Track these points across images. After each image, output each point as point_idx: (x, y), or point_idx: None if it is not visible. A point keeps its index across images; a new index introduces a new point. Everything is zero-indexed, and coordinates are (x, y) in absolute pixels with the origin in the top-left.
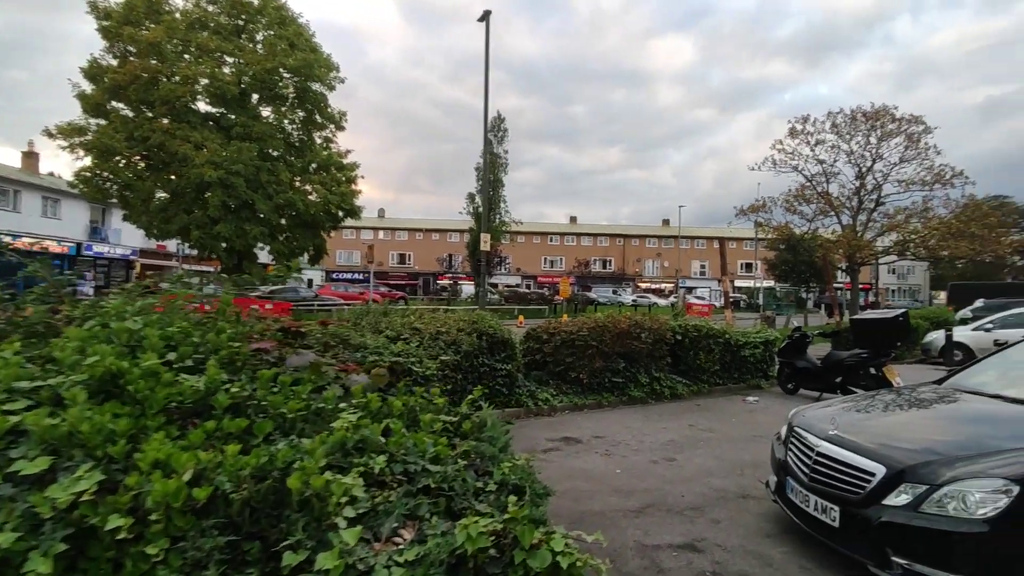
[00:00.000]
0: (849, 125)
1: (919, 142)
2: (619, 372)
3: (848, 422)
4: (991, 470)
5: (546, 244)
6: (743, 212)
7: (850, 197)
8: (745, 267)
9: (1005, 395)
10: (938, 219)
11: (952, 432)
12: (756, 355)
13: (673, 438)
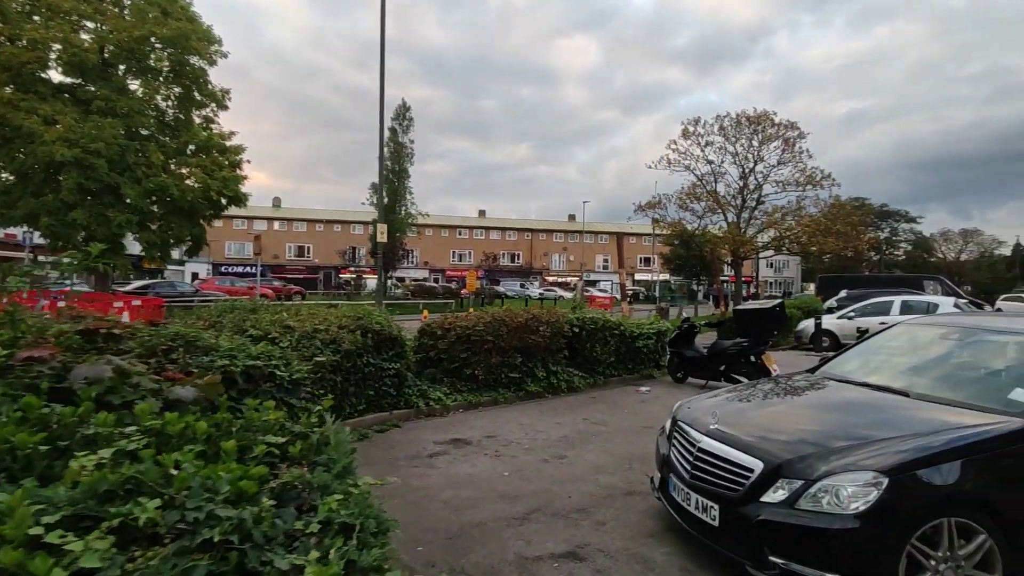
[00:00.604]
0: (735, 128)
1: (794, 146)
2: (516, 367)
3: (728, 416)
4: (862, 462)
5: (455, 237)
6: (641, 208)
7: (735, 196)
8: (644, 261)
9: (870, 382)
10: (809, 217)
11: (826, 423)
12: (649, 346)
13: (566, 434)
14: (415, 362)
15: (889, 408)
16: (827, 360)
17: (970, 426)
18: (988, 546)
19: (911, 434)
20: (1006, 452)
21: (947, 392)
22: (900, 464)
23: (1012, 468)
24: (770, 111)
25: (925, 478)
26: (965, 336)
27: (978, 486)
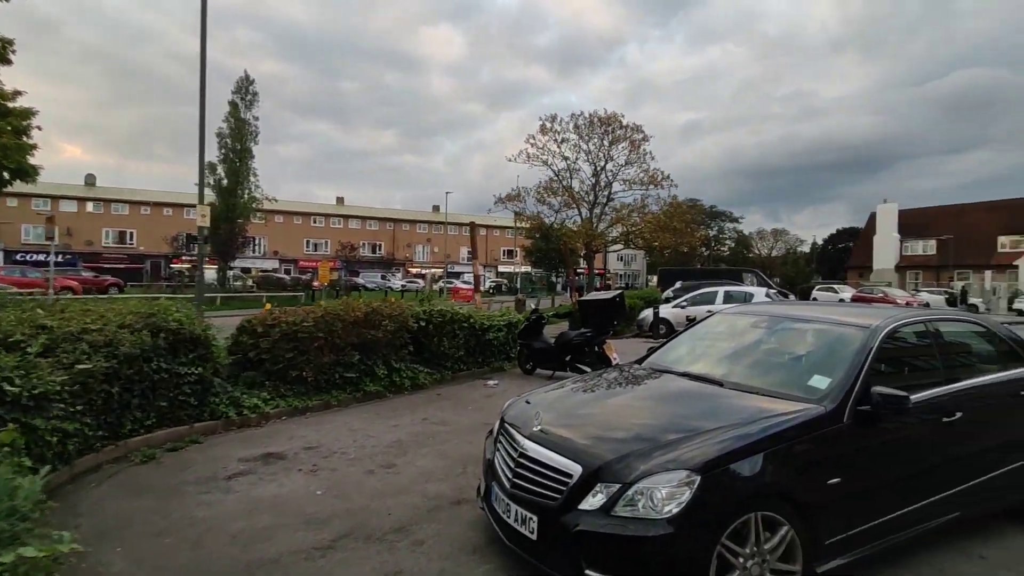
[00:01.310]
0: (588, 128)
1: (639, 148)
2: (353, 366)
3: (552, 415)
4: (677, 460)
5: (309, 226)
6: (501, 201)
7: (588, 192)
8: (507, 254)
9: (690, 372)
10: (651, 215)
11: (647, 418)
12: (500, 338)
13: (401, 437)
14: (230, 364)
15: (705, 399)
16: (653, 350)
17: (776, 415)
18: (790, 537)
19: (723, 426)
20: (805, 439)
21: (757, 381)
22: (713, 459)
23: (811, 455)
24: (619, 113)
25: (736, 473)
26: (773, 325)
27: (781, 476)
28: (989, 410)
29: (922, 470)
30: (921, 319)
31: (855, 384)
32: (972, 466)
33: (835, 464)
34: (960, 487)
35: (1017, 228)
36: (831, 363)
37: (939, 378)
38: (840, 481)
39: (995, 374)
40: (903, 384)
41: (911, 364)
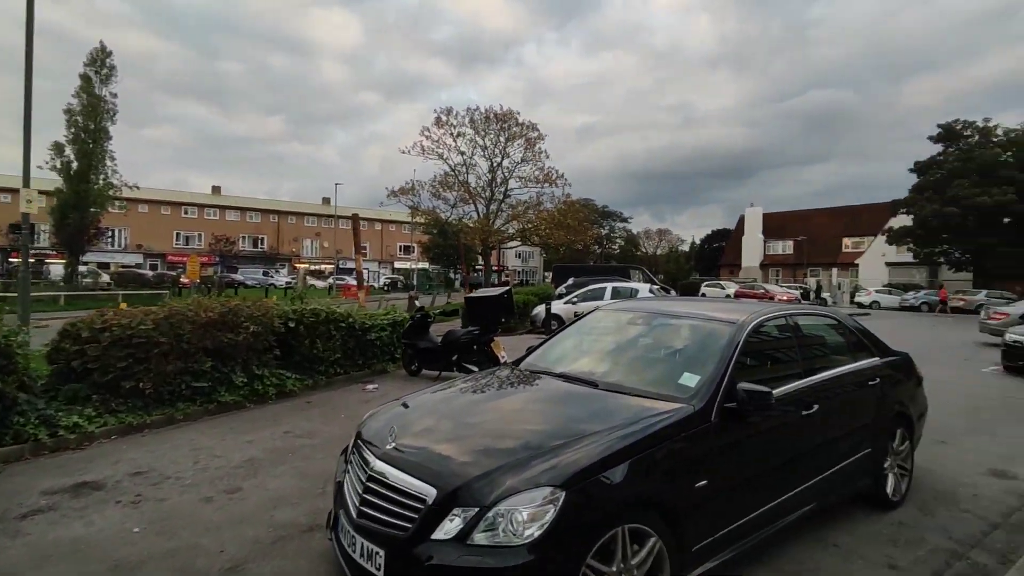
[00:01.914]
0: (484, 123)
1: (535, 146)
2: (204, 374)
3: (410, 427)
4: (541, 475)
5: (180, 217)
6: (394, 194)
7: (485, 188)
8: (404, 249)
9: (566, 373)
10: (546, 212)
11: (516, 427)
12: (384, 338)
13: (255, 455)
14: (51, 376)
15: (578, 403)
16: (532, 350)
17: (646, 417)
18: (658, 548)
19: (592, 433)
20: (675, 442)
21: (632, 380)
22: (578, 472)
23: (680, 458)
24: (514, 110)
25: (603, 484)
26: (649, 321)
27: (650, 484)
28: (842, 401)
29: (784, 465)
30: (782, 313)
31: (722, 381)
32: (828, 456)
33: (703, 465)
34: (817, 478)
35: (857, 231)
36: (700, 360)
37: (799, 371)
38: (707, 483)
39: (846, 366)
40: (767, 378)
41: (774, 359)
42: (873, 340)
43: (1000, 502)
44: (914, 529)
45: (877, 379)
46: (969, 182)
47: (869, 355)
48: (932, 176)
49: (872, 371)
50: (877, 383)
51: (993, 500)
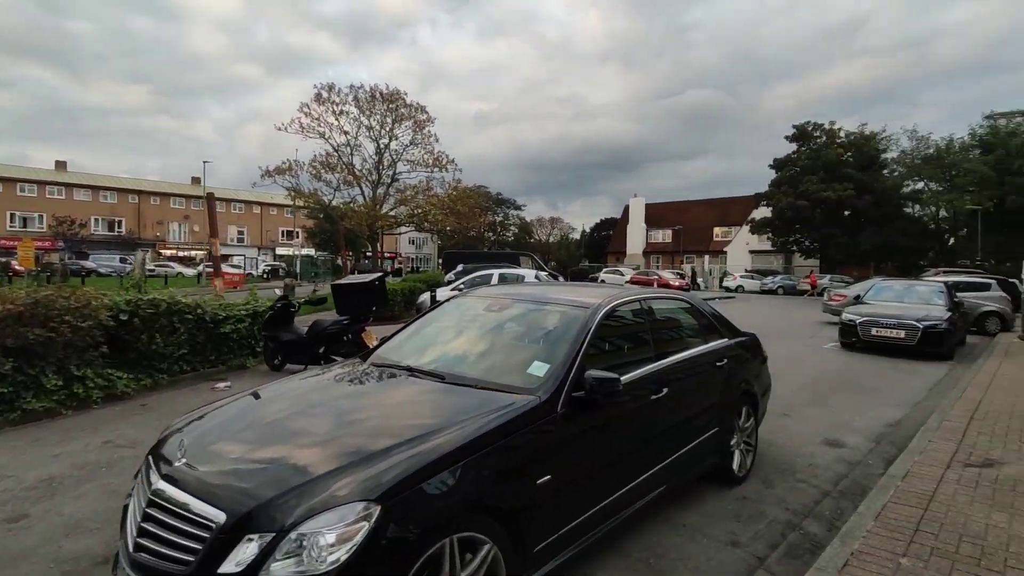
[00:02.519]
0: (370, 102)
1: (424, 128)
2: (4, 378)
3: (207, 438)
4: (353, 488)
5: (15, 195)
6: (269, 174)
7: (371, 171)
8: (286, 235)
9: (413, 366)
10: (436, 197)
11: (335, 431)
12: (241, 330)
13: (57, 472)
14: None
15: (417, 400)
16: (385, 341)
17: (487, 412)
18: (493, 555)
19: (424, 433)
20: (516, 437)
21: (481, 372)
22: (400, 481)
23: (521, 455)
24: (402, 91)
25: (428, 492)
26: (506, 307)
27: (485, 486)
28: (691, 383)
29: (634, 450)
30: (636, 298)
31: (571, 369)
32: (678, 438)
33: (547, 460)
34: (668, 460)
35: (727, 222)
36: (552, 348)
37: (651, 355)
38: (551, 479)
39: (697, 348)
40: (619, 364)
41: (627, 343)
42: (723, 322)
43: (831, 470)
44: (756, 503)
45: (725, 360)
46: (817, 178)
47: (719, 337)
48: (787, 172)
49: (721, 352)
50: (725, 363)
51: (826, 468)
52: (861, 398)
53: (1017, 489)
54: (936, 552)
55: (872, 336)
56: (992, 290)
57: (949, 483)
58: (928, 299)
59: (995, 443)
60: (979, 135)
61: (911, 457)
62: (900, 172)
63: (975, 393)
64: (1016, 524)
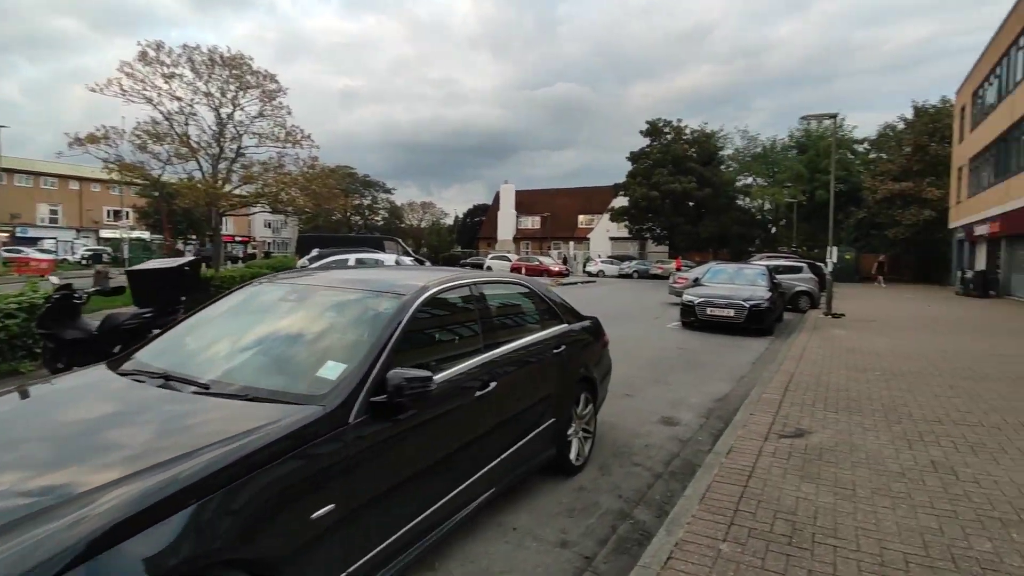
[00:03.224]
0: (208, 67)
1: (274, 100)
2: None
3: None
4: (14, 561)
5: None
6: (78, 142)
7: (211, 143)
8: (112, 215)
9: (174, 373)
10: (288, 175)
11: (26, 474)
12: (11, 328)
13: None
14: None
15: (155, 419)
16: (153, 337)
17: (245, 433)
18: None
19: (151, 467)
20: (282, 463)
21: (257, 377)
22: (90, 543)
23: (290, 484)
24: (247, 56)
25: (132, 555)
26: (306, 296)
27: (229, 534)
28: (526, 372)
29: (452, 457)
30: (466, 283)
31: (372, 369)
32: (508, 436)
33: (329, 486)
34: (496, 461)
35: (591, 210)
36: (352, 343)
37: (479, 346)
38: (334, 508)
39: (533, 335)
40: (440, 359)
41: (451, 334)
42: (563, 306)
43: (665, 449)
44: (591, 493)
45: (563, 346)
46: (666, 171)
47: (558, 322)
48: (642, 165)
49: (559, 338)
50: (563, 350)
51: (660, 448)
52: (696, 374)
53: (823, 458)
54: (753, 533)
55: (708, 315)
56: (804, 272)
57: (766, 456)
58: (753, 281)
59: (804, 413)
60: (796, 137)
61: (735, 431)
62: (734, 167)
63: (790, 365)
64: (822, 494)
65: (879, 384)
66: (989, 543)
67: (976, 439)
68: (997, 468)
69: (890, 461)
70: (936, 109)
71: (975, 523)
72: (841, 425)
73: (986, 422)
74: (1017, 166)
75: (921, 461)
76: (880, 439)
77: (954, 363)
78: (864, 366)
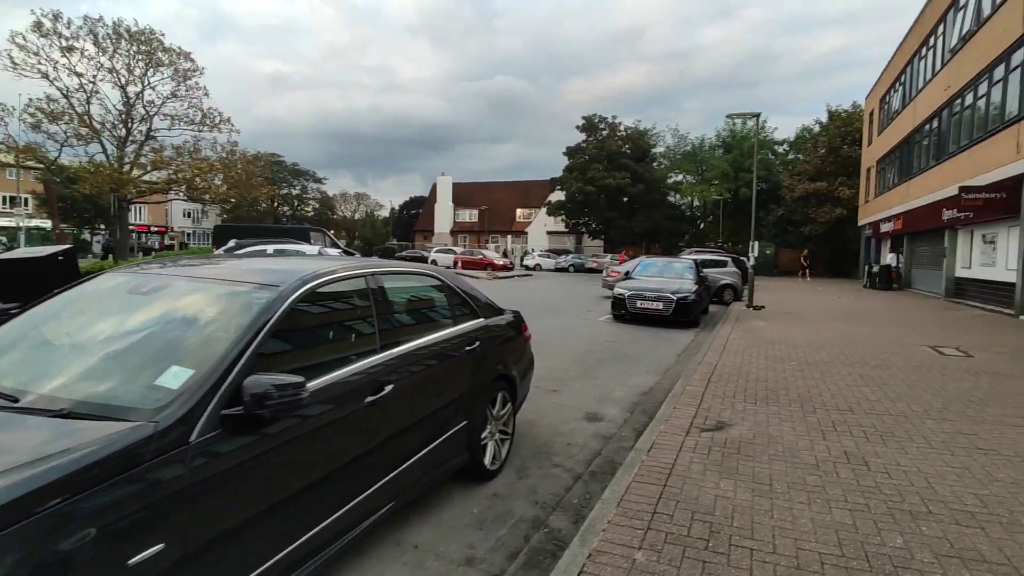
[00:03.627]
0: (114, 40)
1: (189, 79)
2: None
3: None
4: None
5: None
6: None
7: (116, 124)
8: (8, 201)
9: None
10: (205, 161)
11: None
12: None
13: None
14: None
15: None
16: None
17: (44, 460)
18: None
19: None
20: (86, 496)
21: (80, 388)
22: None
23: (96, 522)
24: (158, 31)
25: None
26: (159, 290)
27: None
28: (434, 372)
29: (341, 470)
30: (361, 273)
31: (227, 375)
32: (412, 441)
33: (160, 520)
34: (397, 471)
35: (528, 204)
36: (204, 345)
37: (373, 346)
38: (163, 549)
39: (441, 331)
40: (323, 362)
41: (339, 332)
42: (479, 300)
43: (587, 448)
44: (506, 500)
45: (477, 343)
46: (602, 167)
47: (473, 317)
48: (578, 160)
49: (473, 335)
50: (477, 347)
51: (582, 447)
52: (624, 367)
53: (742, 451)
54: (670, 538)
55: (638, 308)
56: (728, 266)
57: (687, 452)
58: (681, 275)
59: (725, 404)
60: (722, 137)
61: (658, 426)
62: (665, 165)
63: (713, 357)
64: (740, 491)
65: (795, 374)
66: (900, 538)
67: (885, 428)
68: (905, 457)
69: (805, 453)
70: (848, 114)
71: (887, 517)
72: (760, 416)
73: (893, 411)
74: (918, 168)
75: (835, 452)
76: (796, 430)
77: (862, 351)
78: (782, 356)
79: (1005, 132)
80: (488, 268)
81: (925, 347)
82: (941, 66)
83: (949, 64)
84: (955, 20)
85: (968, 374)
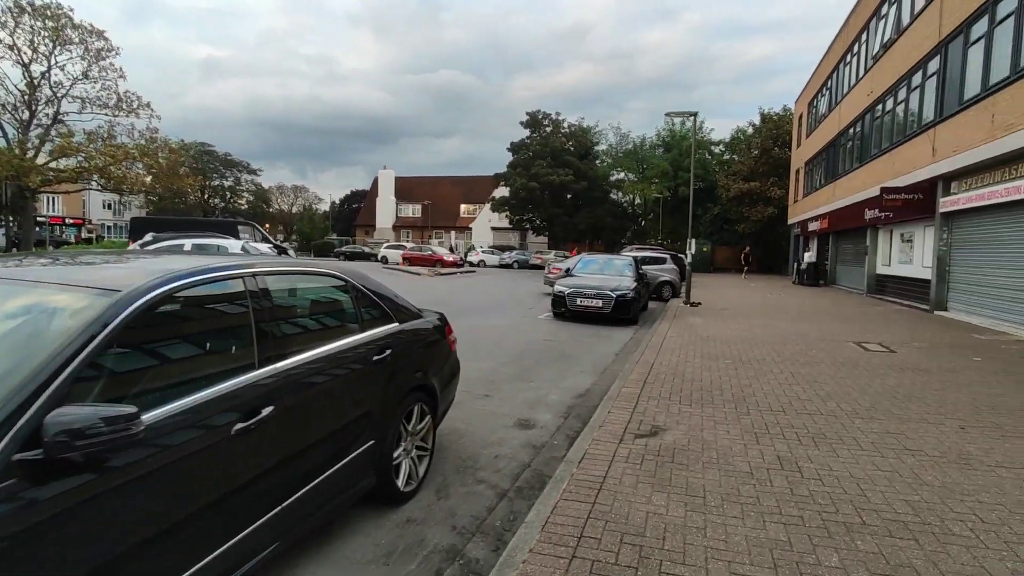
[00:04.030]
0: (14, 15)
1: (102, 60)
2: None
3: None
4: None
5: None
6: None
7: (17, 106)
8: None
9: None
10: (121, 148)
11: None
12: None
13: None
14: None
15: None
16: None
17: None
18: None
19: None
20: None
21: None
22: None
23: None
24: (67, 6)
25: None
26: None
27: None
28: (331, 388)
29: (196, 514)
30: (237, 274)
31: (26, 409)
32: (301, 470)
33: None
34: (282, 505)
35: (472, 199)
36: (21, 365)
37: (249, 361)
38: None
39: (347, 339)
40: (171, 384)
41: (199, 348)
42: (392, 302)
43: (516, 460)
44: (419, 526)
45: (388, 351)
46: (545, 163)
47: (385, 322)
48: (522, 156)
49: (383, 341)
50: (387, 356)
51: (511, 459)
52: (561, 367)
53: (676, 459)
54: (596, 568)
55: (578, 306)
56: (667, 263)
57: (619, 462)
58: (621, 272)
59: (661, 407)
60: (662, 137)
61: (591, 433)
62: (608, 162)
63: (650, 356)
64: (672, 506)
65: (730, 372)
66: (836, 555)
67: (816, 429)
68: (837, 461)
69: (739, 459)
70: (779, 117)
71: (821, 531)
72: (694, 420)
73: (824, 410)
74: (843, 169)
75: (768, 457)
76: (730, 433)
77: (793, 348)
78: (717, 354)
79: (922, 136)
80: (438, 264)
81: (851, 343)
82: (864, 72)
83: (872, 70)
84: (877, 28)
85: (892, 370)
